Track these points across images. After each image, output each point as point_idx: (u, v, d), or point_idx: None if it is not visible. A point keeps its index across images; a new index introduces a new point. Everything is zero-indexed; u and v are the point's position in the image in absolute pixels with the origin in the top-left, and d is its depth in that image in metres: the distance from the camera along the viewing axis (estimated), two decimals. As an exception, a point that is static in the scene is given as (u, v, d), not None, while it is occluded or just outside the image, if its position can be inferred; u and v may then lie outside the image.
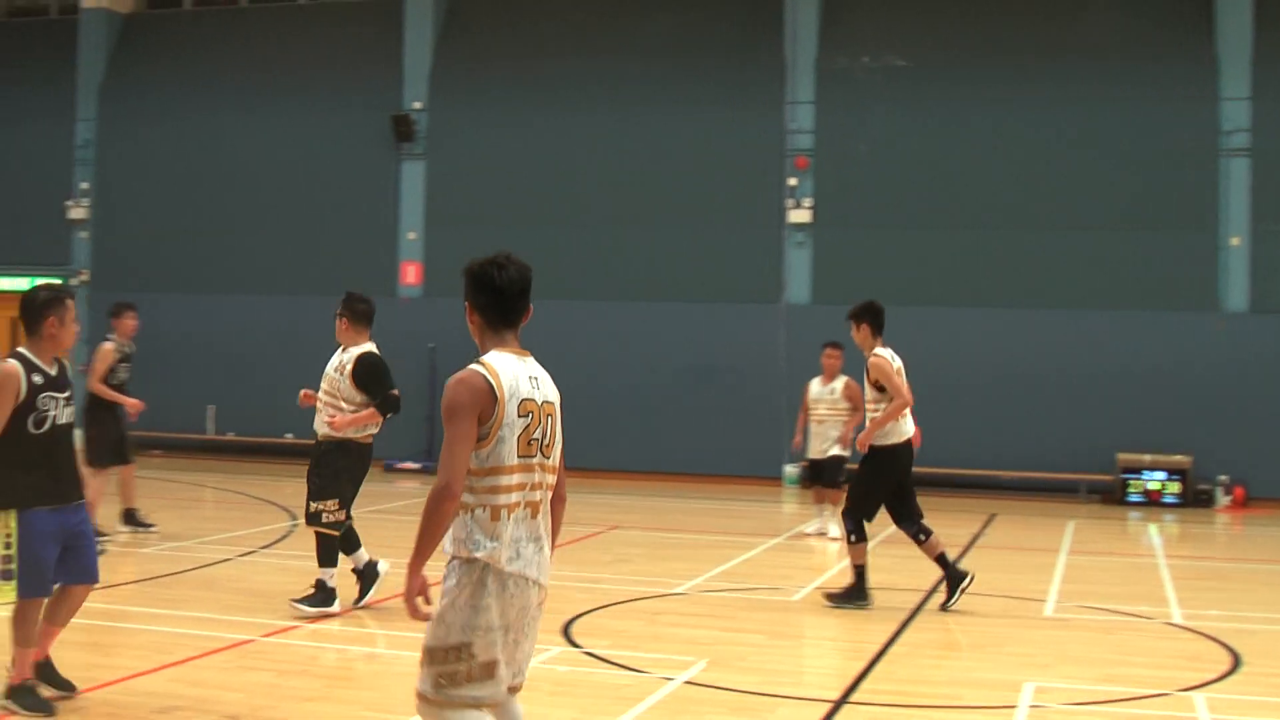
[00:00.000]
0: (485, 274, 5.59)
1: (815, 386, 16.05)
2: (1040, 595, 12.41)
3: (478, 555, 5.28)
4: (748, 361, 22.18)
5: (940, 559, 11.48)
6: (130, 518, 14.78)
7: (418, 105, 24.25)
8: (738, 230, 22.75)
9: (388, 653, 9.33)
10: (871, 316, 12.17)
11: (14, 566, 7.51)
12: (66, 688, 7.92)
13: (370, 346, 10.93)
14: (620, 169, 23.32)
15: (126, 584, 11.89)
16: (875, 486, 11.56)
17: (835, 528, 15.16)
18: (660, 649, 9.59)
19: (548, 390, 5.55)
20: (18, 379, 7.56)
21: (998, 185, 21.90)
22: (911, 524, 11.52)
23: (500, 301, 5.51)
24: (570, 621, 10.45)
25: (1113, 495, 20.86)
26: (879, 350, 11.87)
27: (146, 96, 26.13)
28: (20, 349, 7.77)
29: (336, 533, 10.60)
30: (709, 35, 23.54)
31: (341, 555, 10.66)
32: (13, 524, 7.52)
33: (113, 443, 14.49)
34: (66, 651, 9.25)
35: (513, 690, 5.53)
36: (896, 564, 14.25)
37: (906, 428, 11.71)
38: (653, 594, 11.98)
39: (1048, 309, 21.43)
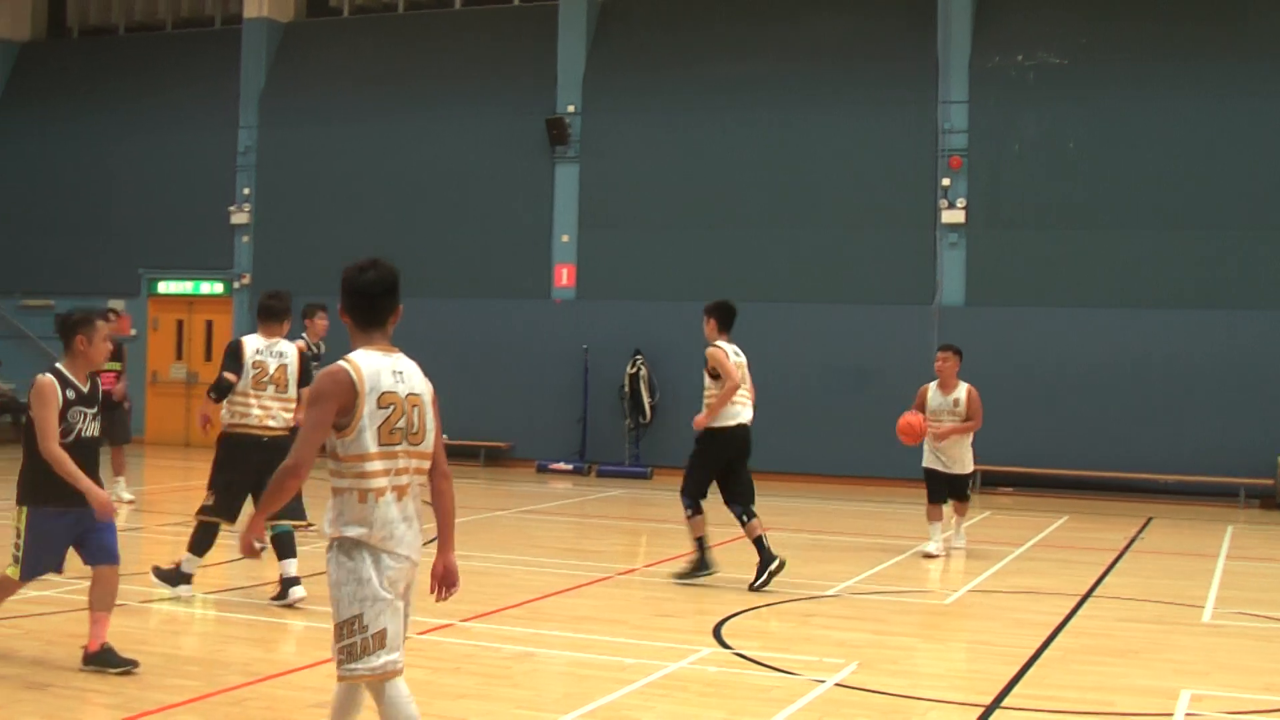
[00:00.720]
0: (350, 278, 5.91)
1: (935, 396, 14.87)
2: (1198, 601, 12.21)
3: (350, 534, 5.77)
4: (900, 364, 21.97)
5: (757, 541, 12.27)
6: None
7: (571, 109, 24.44)
8: (890, 231, 22.62)
9: (542, 652, 9.42)
10: (720, 313, 12.87)
11: (19, 553, 8.50)
12: (129, 664, 8.47)
13: (249, 335, 11.44)
14: (771, 170, 23.30)
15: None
16: (707, 466, 12.57)
17: (963, 538, 15.18)
18: (811, 651, 9.60)
19: (413, 383, 5.98)
20: (55, 391, 8.34)
21: (1154, 184, 21.52)
22: (736, 505, 12.47)
23: (365, 303, 5.87)
24: (721, 623, 10.50)
25: (1273, 499, 20.44)
26: (718, 342, 12.67)
27: (305, 103, 26.65)
28: (57, 364, 8.51)
29: (208, 519, 10.92)
30: (861, 36, 23.44)
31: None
32: (23, 520, 8.45)
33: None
34: (231, 645, 9.52)
35: None
36: (1052, 568, 14.13)
37: (737, 412, 12.73)
38: (804, 596, 11.99)
39: (1205, 309, 21.03)
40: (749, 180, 23.40)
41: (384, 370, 5.83)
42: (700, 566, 12.53)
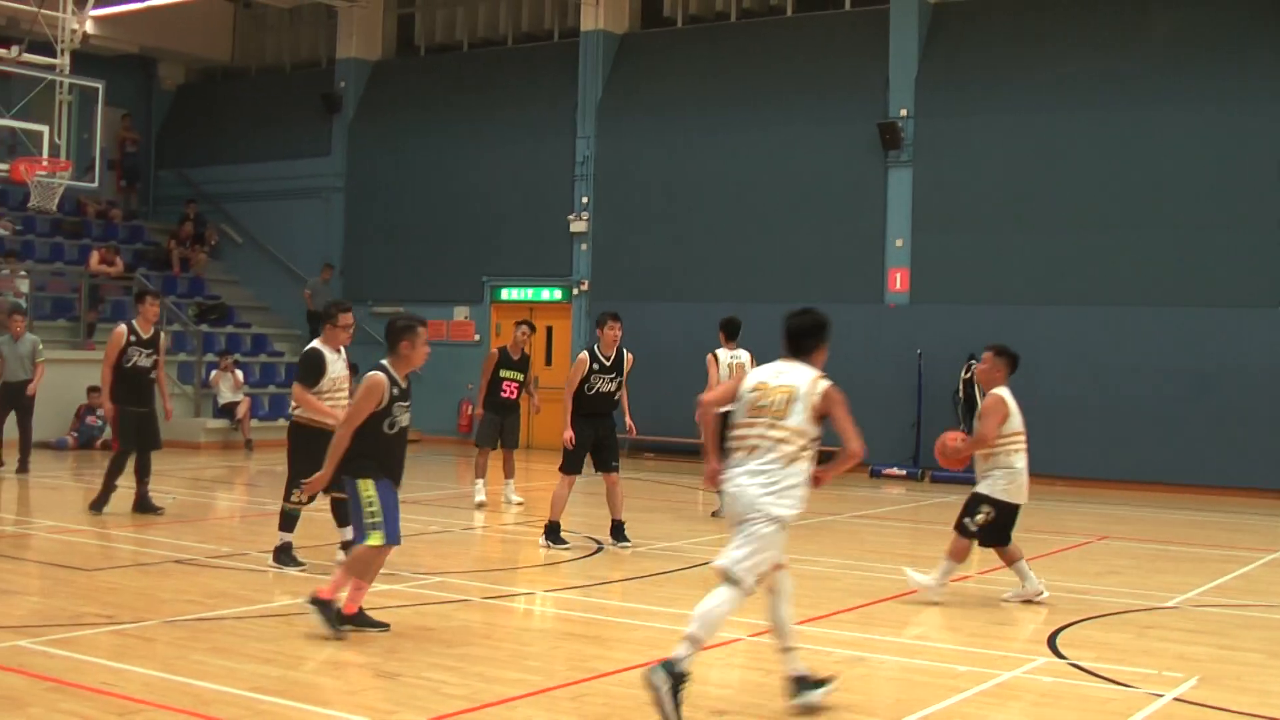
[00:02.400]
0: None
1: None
2: None
3: None
4: (1249, 369, 21.23)
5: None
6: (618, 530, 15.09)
7: (904, 112, 24.27)
8: (1238, 232, 21.77)
9: (873, 656, 9.43)
10: (723, 326, 17.81)
11: (379, 519, 9.51)
12: (382, 626, 9.77)
13: (313, 343, 12.60)
14: (1111, 170, 22.70)
15: (624, 580, 12.44)
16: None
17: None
18: (1149, 664, 9.38)
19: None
20: (383, 389, 9.51)
21: None
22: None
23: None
24: (1056, 632, 10.34)
25: None
26: (716, 350, 17.42)
27: (641, 113, 27.13)
28: (383, 362, 9.68)
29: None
30: (1207, 30, 22.66)
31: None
32: (373, 490, 9.51)
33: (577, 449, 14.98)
34: (569, 642, 9.80)
35: None
36: None
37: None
38: (1142, 607, 11.70)
39: None
40: (1087, 181, 22.87)
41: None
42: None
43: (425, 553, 13.77)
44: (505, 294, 28.52)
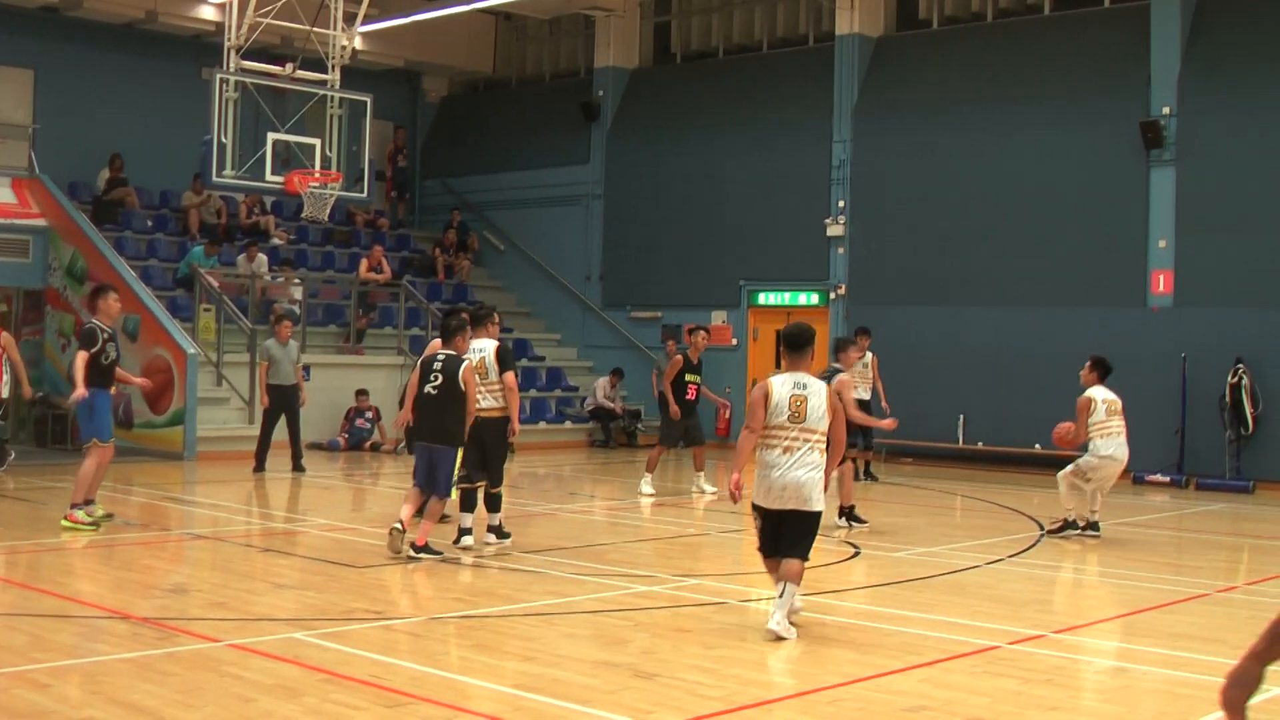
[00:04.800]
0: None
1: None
2: None
3: None
4: None
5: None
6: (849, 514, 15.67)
7: (1166, 110, 23.64)
8: None
9: (1136, 667, 9.28)
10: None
11: None
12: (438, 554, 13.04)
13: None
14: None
15: (880, 586, 12.44)
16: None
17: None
18: None
19: None
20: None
21: None
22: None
23: None
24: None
25: None
26: None
27: (897, 116, 26.92)
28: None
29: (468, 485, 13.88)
30: None
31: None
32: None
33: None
34: (822, 647, 9.85)
35: None
36: None
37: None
38: None
39: None
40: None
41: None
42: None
43: (682, 555, 13.96)
44: (762, 298, 28.62)
